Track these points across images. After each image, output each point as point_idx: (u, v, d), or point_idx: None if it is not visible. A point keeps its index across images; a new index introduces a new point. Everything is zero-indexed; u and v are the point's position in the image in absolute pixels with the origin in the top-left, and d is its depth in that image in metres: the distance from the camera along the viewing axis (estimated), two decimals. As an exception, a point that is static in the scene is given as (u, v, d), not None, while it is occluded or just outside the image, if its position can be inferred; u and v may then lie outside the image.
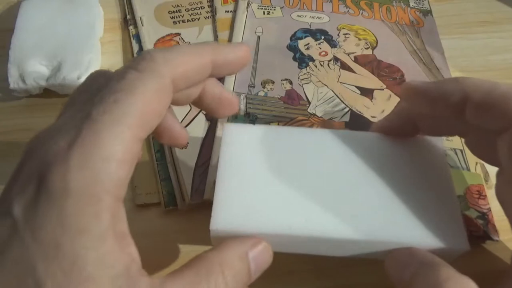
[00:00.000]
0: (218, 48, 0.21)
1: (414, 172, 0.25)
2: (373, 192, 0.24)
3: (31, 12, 0.38)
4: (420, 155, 0.25)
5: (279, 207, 0.23)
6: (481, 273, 0.31)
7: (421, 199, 0.24)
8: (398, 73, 0.40)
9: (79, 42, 0.37)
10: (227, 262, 0.20)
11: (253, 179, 0.23)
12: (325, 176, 0.24)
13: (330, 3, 0.45)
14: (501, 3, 0.48)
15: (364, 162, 0.25)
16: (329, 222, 0.23)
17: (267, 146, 0.25)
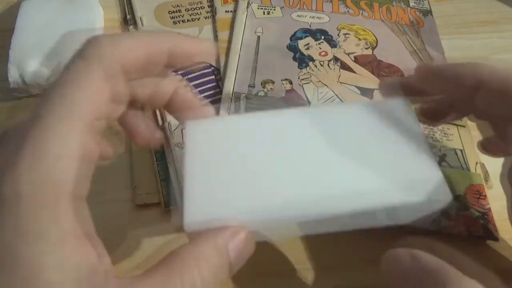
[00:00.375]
0: (177, 37, 0.21)
1: (385, 134, 0.24)
2: (347, 160, 0.23)
3: (31, 12, 0.38)
4: (388, 118, 0.24)
5: (253, 192, 0.22)
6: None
7: (397, 159, 0.23)
8: (398, 73, 0.40)
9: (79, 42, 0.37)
10: (203, 255, 0.19)
11: (221, 170, 0.23)
12: (297, 154, 0.23)
13: (330, 3, 0.45)
14: (501, 3, 0.48)
15: (333, 134, 0.24)
16: (307, 198, 0.21)
17: (232, 135, 0.24)
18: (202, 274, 0.19)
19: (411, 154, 0.23)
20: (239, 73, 0.38)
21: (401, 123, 0.24)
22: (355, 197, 0.22)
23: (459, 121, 0.37)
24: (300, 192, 0.22)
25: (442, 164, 0.34)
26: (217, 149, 0.23)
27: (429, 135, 0.36)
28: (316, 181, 0.22)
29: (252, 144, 0.24)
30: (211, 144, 0.24)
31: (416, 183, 0.22)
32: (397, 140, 0.23)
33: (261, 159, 0.23)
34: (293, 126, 0.24)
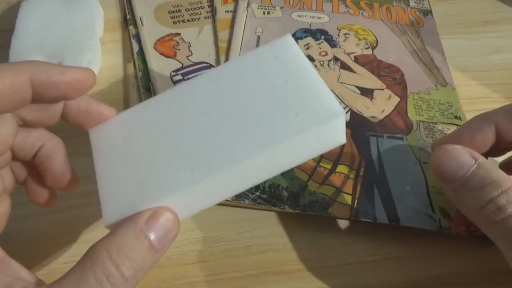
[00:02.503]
0: (41, 66, 0.20)
1: (275, 76, 0.24)
2: (242, 112, 0.23)
3: (31, 12, 0.38)
4: (275, 59, 0.25)
5: (164, 172, 0.22)
6: (482, 272, 0.31)
7: (290, 96, 0.23)
8: (398, 73, 0.40)
9: (79, 42, 0.37)
10: (117, 244, 0.19)
11: (129, 163, 0.23)
12: (196, 123, 0.24)
13: (330, 3, 0.45)
14: (501, 3, 0.48)
15: (227, 94, 0.24)
16: (214, 159, 0.22)
17: (132, 127, 0.24)
18: (117, 263, 0.19)
19: (301, 85, 0.23)
20: (239, 73, 0.38)
21: (287, 60, 0.25)
22: (256, 147, 0.22)
23: (459, 121, 0.37)
24: (204, 158, 0.22)
25: (442, 164, 0.34)
26: (122, 144, 0.24)
27: (429, 135, 0.36)
28: (216, 144, 0.22)
29: (151, 128, 0.24)
30: (115, 142, 0.24)
31: (312, 111, 0.23)
32: (286, 79, 0.24)
33: (161, 140, 0.23)
34: (189, 98, 0.24)
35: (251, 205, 0.31)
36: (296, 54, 0.25)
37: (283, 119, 0.23)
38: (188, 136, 0.23)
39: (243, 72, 0.25)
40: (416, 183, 0.33)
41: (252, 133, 0.22)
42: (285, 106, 0.23)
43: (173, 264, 0.30)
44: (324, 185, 0.32)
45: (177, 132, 0.23)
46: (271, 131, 0.22)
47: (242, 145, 0.22)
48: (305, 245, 0.31)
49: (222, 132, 0.23)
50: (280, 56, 0.25)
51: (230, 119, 0.23)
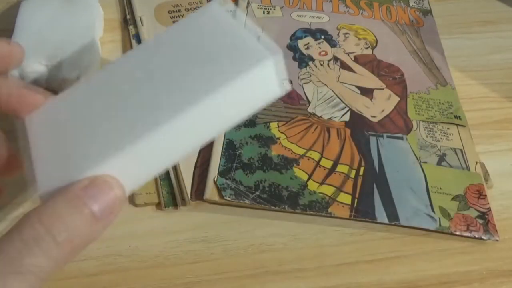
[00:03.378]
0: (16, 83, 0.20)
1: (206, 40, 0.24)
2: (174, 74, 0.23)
3: (31, 12, 0.38)
4: (206, 24, 0.25)
5: (99, 142, 0.21)
6: (482, 272, 0.31)
7: (221, 53, 0.23)
8: (398, 72, 0.40)
9: (79, 42, 0.37)
10: (49, 209, 0.18)
11: (65, 139, 0.23)
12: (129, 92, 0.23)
13: (330, 3, 0.45)
14: (501, 3, 0.48)
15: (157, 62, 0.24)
16: (148, 120, 0.21)
17: (68, 106, 0.24)
18: (48, 226, 0.17)
19: (229, 44, 0.23)
20: (239, 73, 0.38)
21: (215, 24, 0.24)
22: (186, 104, 0.21)
23: (459, 120, 0.37)
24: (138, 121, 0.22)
25: (442, 164, 0.34)
26: (56, 124, 0.23)
27: (429, 135, 0.36)
28: (149, 107, 0.22)
29: (85, 105, 0.24)
30: (50, 123, 0.23)
31: (238, 62, 0.22)
32: (216, 40, 0.23)
33: (96, 114, 0.23)
34: (121, 72, 0.24)
35: (251, 205, 0.31)
36: (223, 17, 0.25)
37: (211, 74, 0.22)
38: (124, 105, 0.23)
39: (173, 39, 0.25)
40: (416, 182, 0.33)
41: (183, 91, 0.22)
42: (215, 63, 0.22)
43: (173, 264, 0.30)
44: (324, 185, 0.32)
45: (112, 104, 0.23)
46: (200, 87, 0.22)
47: (171, 103, 0.22)
48: (305, 245, 0.31)
49: (155, 96, 0.22)
50: (208, 21, 0.25)
51: (162, 83, 0.23)
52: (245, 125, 0.35)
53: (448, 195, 0.33)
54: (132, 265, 0.30)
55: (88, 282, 0.29)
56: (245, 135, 0.34)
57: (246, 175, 0.32)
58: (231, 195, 0.31)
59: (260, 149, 0.34)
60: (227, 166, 0.33)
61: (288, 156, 0.34)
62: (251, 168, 0.33)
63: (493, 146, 0.37)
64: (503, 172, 0.35)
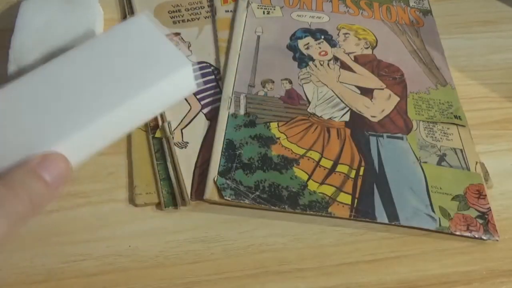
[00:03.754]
0: None
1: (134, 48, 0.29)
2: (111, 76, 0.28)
3: (31, 12, 0.38)
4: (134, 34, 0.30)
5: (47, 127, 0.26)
6: (482, 272, 0.31)
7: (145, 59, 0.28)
8: (398, 72, 0.40)
9: (79, 42, 0.37)
10: (12, 179, 0.22)
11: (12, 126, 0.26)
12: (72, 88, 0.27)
13: (330, 3, 0.45)
14: (501, 3, 0.48)
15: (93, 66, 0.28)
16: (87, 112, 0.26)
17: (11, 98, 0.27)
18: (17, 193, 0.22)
19: (154, 54, 0.29)
20: (239, 73, 0.38)
21: (143, 33, 0.30)
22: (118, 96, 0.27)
23: (459, 120, 0.37)
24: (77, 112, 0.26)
25: (442, 163, 0.34)
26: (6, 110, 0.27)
27: (429, 135, 0.36)
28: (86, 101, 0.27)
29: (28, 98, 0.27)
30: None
31: (159, 66, 0.28)
32: (143, 49, 0.29)
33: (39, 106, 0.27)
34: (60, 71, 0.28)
35: (251, 205, 0.31)
36: (149, 28, 0.30)
37: (142, 76, 0.28)
38: (61, 100, 0.27)
39: (107, 45, 0.29)
40: (416, 182, 0.33)
41: (116, 89, 0.27)
42: (143, 66, 0.28)
43: (173, 264, 0.30)
44: (324, 185, 0.32)
45: (52, 98, 0.27)
46: (132, 86, 0.27)
47: (107, 99, 0.27)
48: (305, 245, 0.31)
49: (89, 93, 0.27)
50: (135, 31, 0.30)
51: (96, 81, 0.27)
52: (245, 125, 0.35)
53: (448, 195, 0.33)
54: (132, 265, 0.30)
55: (88, 282, 0.29)
56: (245, 135, 0.34)
57: (246, 175, 0.32)
58: (231, 195, 0.31)
59: (260, 149, 0.34)
60: (227, 166, 0.33)
61: (288, 156, 0.34)
62: (251, 168, 0.33)
63: (493, 146, 0.37)
64: (503, 172, 0.35)
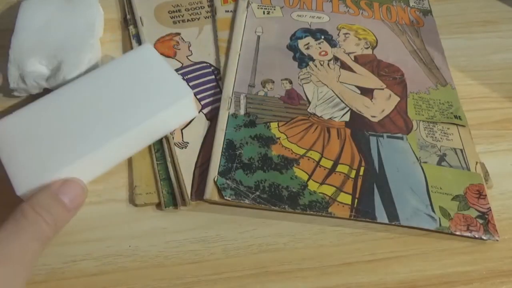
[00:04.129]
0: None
1: (140, 76, 0.32)
2: (118, 103, 0.31)
3: (31, 12, 0.38)
4: (139, 63, 0.33)
5: (59, 151, 0.29)
6: (482, 272, 0.31)
7: (150, 87, 0.32)
8: (398, 72, 0.40)
9: (79, 42, 0.37)
10: (39, 204, 0.25)
11: (30, 147, 0.29)
12: (83, 112, 0.30)
13: (330, 3, 0.45)
14: (501, 3, 0.48)
15: (105, 91, 0.31)
16: (97, 137, 0.29)
17: (28, 121, 0.30)
18: (43, 216, 0.25)
19: (158, 81, 0.32)
20: (239, 73, 0.38)
21: (148, 62, 0.33)
22: (125, 122, 0.30)
23: (459, 120, 0.37)
24: (88, 137, 0.29)
25: (442, 163, 0.34)
26: (19, 135, 0.30)
27: (429, 135, 0.36)
28: (97, 127, 0.30)
29: (43, 121, 0.30)
30: (14, 134, 0.30)
31: (167, 97, 0.31)
32: (149, 77, 0.32)
33: (53, 129, 0.30)
34: (70, 97, 0.31)
35: (251, 205, 0.31)
36: (155, 57, 0.33)
37: (148, 104, 0.31)
38: (72, 125, 0.30)
39: (112, 75, 0.32)
40: (416, 182, 0.33)
41: (123, 116, 0.30)
42: (149, 94, 0.31)
43: (173, 264, 0.30)
44: (324, 185, 0.32)
45: (65, 122, 0.30)
46: (139, 113, 0.30)
47: (116, 125, 0.30)
48: (305, 245, 0.31)
49: (99, 119, 0.30)
50: (144, 58, 0.33)
51: (107, 108, 0.30)
52: (245, 125, 0.35)
53: (448, 195, 0.33)
54: (132, 265, 0.30)
55: (88, 282, 0.29)
56: (245, 135, 0.34)
57: (246, 175, 0.32)
58: (231, 195, 0.31)
59: (260, 149, 0.34)
60: (227, 166, 0.33)
61: (288, 156, 0.34)
62: (251, 168, 0.33)
63: (493, 146, 0.37)
64: (503, 172, 0.35)
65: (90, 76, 0.32)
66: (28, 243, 0.24)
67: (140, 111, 0.30)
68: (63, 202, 0.26)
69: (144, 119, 0.30)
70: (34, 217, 0.25)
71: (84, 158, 0.28)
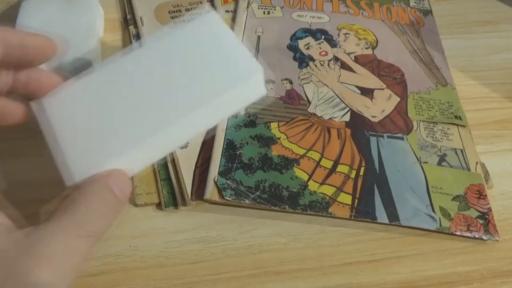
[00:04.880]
0: (13, 30, 0.22)
1: (204, 48, 0.28)
2: (182, 79, 0.27)
3: (31, 12, 0.38)
4: (204, 33, 0.29)
5: (119, 133, 0.26)
6: (482, 272, 0.31)
7: (216, 61, 0.28)
8: (398, 72, 0.40)
9: (79, 42, 0.37)
10: (96, 192, 0.23)
11: (86, 128, 0.26)
12: (143, 88, 0.27)
13: (330, 3, 0.45)
14: (501, 3, 0.48)
15: (166, 65, 0.28)
16: (162, 115, 0.26)
17: (83, 96, 0.27)
18: (101, 208, 0.23)
19: (225, 53, 0.28)
20: (239, 73, 0.38)
21: (215, 33, 0.29)
22: (190, 105, 0.26)
23: (459, 120, 0.37)
24: (151, 120, 0.26)
25: (442, 164, 0.34)
26: (76, 112, 0.27)
27: (429, 135, 0.36)
28: (159, 107, 0.26)
29: (100, 98, 0.27)
30: (64, 111, 0.27)
31: (235, 72, 0.27)
32: (215, 50, 0.28)
33: (110, 108, 0.26)
34: (130, 70, 0.28)
35: (251, 205, 0.31)
36: (220, 27, 0.29)
37: (216, 80, 0.27)
38: (133, 101, 0.26)
39: (178, 43, 0.28)
40: (416, 183, 0.33)
41: (190, 94, 0.26)
42: (217, 69, 0.27)
43: (173, 264, 0.30)
44: (324, 185, 0.32)
45: (122, 99, 0.27)
46: (206, 90, 0.26)
47: (180, 105, 0.26)
48: (305, 245, 0.31)
49: (164, 95, 0.26)
50: (209, 28, 0.29)
51: (169, 84, 0.27)
52: (246, 125, 0.35)
53: (449, 195, 0.33)
54: (132, 265, 0.30)
55: (88, 282, 0.29)
56: (246, 135, 0.34)
57: (247, 175, 0.32)
58: (231, 195, 0.31)
59: (260, 149, 0.34)
60: (227, 166, 0.33)
61: (288, 156, 0.34)
62: (251, 168, 0.33)
63: (493, 146, 0.37)
64: (503, 172, 0.35)
65: (150, 47, 0.29)
66: (86, 232, 0.22)
67: (206, 88, 0.27)
68: (114, 192, 0.24)
69: (211, 97, 0.26)
70: (91, 207, 0.22)
71: (145, 143, 0.25)
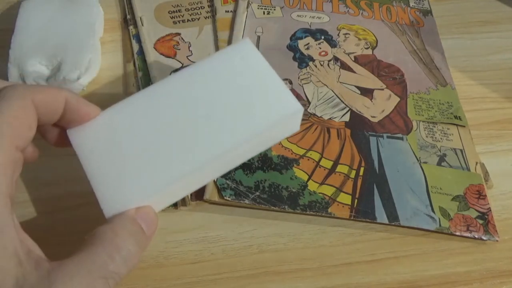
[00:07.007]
0: (74, 94, 0.25)
1: (243, 76, 0.27)
2: (216, 113, 0.26)
3: (31, 12, 0.38)
4: (239, 61, 0.28)
5: (154, 168, 0.25)
6: (482, 272, 0.31)
7: (254, 94, 0.27)
8: (398, 73, 0.40)
9: (79, 42, 0.37)
10: (120, 226, 0.23)
11: (117, 160, 0.25)
12: (179, 120, 0.26)
13: (330, 3, 0.45)
14: (501, 3, 0.48)
15: (201, 94, 0.27)
16: (195, 155, 0.25)
17: (115, 125, 0.26)
18: (124, 239, 0.22)
19: (263, 86, 0.27)
20: (239, 73, 0.38)
21: (251, 62, 0.28)
22: (228, 139, 0.25)
23: (459, 121, 0.37)
24: (185, 154, 0.25)
25: (442, 164, 0.34)
26: (106, 142, 0.25)
27: (429, 135, 0.36)
28: (195, 141, 0.25)
29: (131, 127, 0.26)
30: (99, 141, 0.26)
31: (272, 107, 0.26)
32: (252, 79, 0.27)
33: (143, 138, 0.25)
34: (165, 97, 0.27)
35: (251, 205, 0.31)
36: (257, 56, 0.28)
37: (256, 115, 0.26)
38: (169, 133, 0.25)
39: (214, 72, 0.27)
40: (416, 183, 0.33)
41: (229, 129, 0.25)
42: (256, 103, 0.26)
43: (173, 264, 0.30)
44: (324, 185, 0.32)
45: (157, 130, 0.25)
46: (246, 126, 0.26)
47: (218, 142, 0.25)
48: (305, 245, 0.31)
49: (200, 129, 0.25)
50: (245, 58, 0.28)
51: (207, 116, 0.26)
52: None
53: (448, 196, 0.33)
54: (132, 265, 0.30)
55: (88, 282, 0.29)
56: (245, 135, 0.34)
57: (246, 175, 0.32)
58: (231, 195, 0.31)
59: (260, 149, 0.34)
60: (227, 166, 0.33)
61: (288, 156, 0.34)
62: (251, 168, 0.33)
63: (493, 146, 0.37)
64: (503, 172, 0.35)
65: (184, 75, 0.27)
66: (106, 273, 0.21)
67: (244, 124, 0.26)
68: (142, 228, 0.24)
69: (250, 135, 0.25)
70: (118, 245, 0.22)
71: (179, 182, 0.25)
